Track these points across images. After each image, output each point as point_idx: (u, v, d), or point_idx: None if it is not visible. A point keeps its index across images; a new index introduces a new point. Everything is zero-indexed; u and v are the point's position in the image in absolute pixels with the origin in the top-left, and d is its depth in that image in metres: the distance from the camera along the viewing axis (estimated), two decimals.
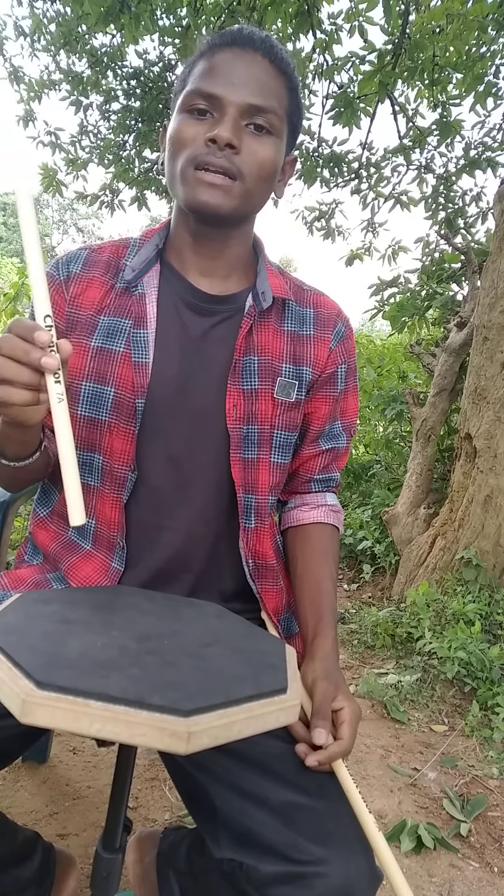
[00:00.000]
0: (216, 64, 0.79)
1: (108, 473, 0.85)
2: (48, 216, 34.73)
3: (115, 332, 0.85)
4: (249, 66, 0.79)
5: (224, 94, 0.77)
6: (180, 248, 0.88)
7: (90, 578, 0.86)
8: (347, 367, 0.95)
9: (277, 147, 0.82)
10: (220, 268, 0.88)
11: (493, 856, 1.43)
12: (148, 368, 0.83)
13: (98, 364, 0.84)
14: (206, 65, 0.80)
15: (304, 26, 3.40)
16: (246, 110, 0.78)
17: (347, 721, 0.72)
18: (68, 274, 0.88)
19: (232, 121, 0.77)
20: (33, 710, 0.49)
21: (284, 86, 0.82)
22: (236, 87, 0.77)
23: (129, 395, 0.83)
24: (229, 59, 0.79)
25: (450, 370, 3.09)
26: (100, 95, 4.29)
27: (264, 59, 0.80)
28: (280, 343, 0.89)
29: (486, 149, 3.94)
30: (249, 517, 0.89)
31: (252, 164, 0.79)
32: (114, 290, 0.87)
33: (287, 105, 0.83)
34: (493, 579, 2.56)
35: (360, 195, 4.34)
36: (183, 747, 0.49)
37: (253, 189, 0.81)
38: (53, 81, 4.21)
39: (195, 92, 0.79)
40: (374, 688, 2.08)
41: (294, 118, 0.85)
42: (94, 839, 1.29)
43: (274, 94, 0.80)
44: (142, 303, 0.85)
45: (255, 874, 0.66)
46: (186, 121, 0.79)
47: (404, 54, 3.36)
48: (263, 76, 0.79)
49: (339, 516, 1.00)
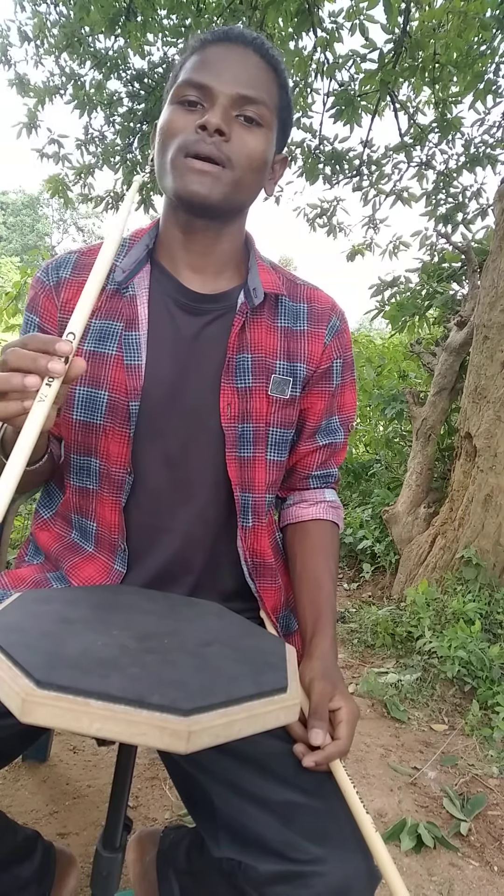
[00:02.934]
0: (207, 57, 0.80)
1: (106, 477, 0.85)
2: (48, 215, 34.72)
3: (106, 335, 0.84)
4: (240, 59, 0.80)
5: (215, 85, 0.78)
6: (171, 245, 0.88)
7: (92, 580, 0.86)
8: (343, 361, 0.94)
9: (267, 139, 0.82)
10: (211, 264, 0.87)
11: (493, 855, 1.43)
12: (141, 371, 0.83)
13: (91, 368, 0.84)
14: (197, 58, 0.81)
15: (305, 25, 3.40)
16: (236, 101, 0.78)
17: (345, 721, 0.72)
18: (58, 279, 0.87)
19: (222, 109, 0.78)
20: (33, 710, 0.49)
21: (274, 81, 0.83)
22: (227, 78, 0.78)
23: (123, 397, 0.83)
24: (220, 53, 0.80)
25: (450, 369, 3.09)
26: (104, 99, 4.28)
27: (255, 55, 0.81)
28: (274, 339, 0.88)
29: (487, 146, 3.94)
30: (247, 516, 0.89)
31: (241, 153, 0.79)
32: (104, 292, 0.86)
33: (277, 101, 0.83)
34: (493, 578, 2.56)
35: (362, 192, 4.35)
36: (183, 746, 0.49)
37: (242, 178, 0.80)
38: (57, 87, 4.21)
39: (186, 83, 0.79)
40: (374, 687, 2.08)
41: (284, 114, 0.85)
42: (94, 838, 1.29)
43: (264, 87, 0.81)
44: (133, 304, 0.85)
45: (254, 873, 0.66)
46: (177, 111, 0.80)
47: (405, 52, 3.36)
48: (254, 70, 0.80)
49: (338, 513, 0.99)
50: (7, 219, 33.07)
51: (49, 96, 4.22)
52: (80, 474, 0.88)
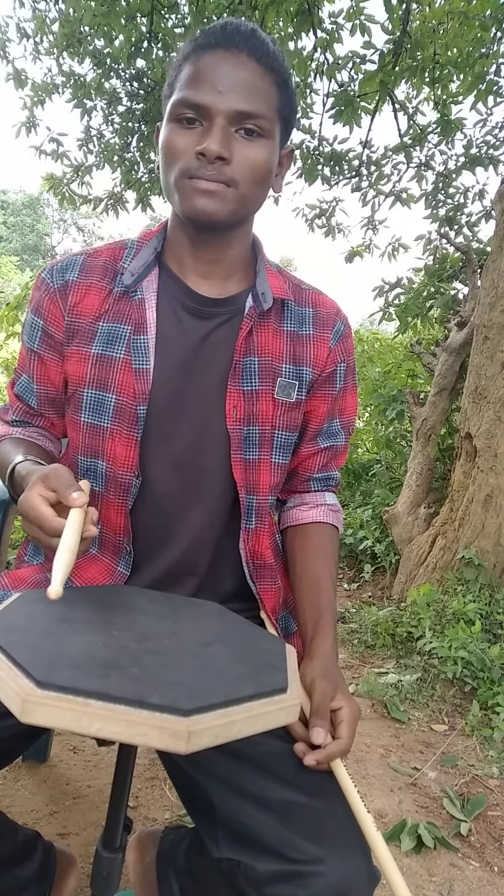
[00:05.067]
0: (201, 69, 0.77)
1: (112, 480, 0.85)
2: (48, 215, 34.73)
3: (114, 339, 0.84)
4: (235, 68, 0.77)
5: (211, 103, 0.76)
6: (179, 252, 0.88)
7: (94, 581, 0.86)
8: (346, 365, 0.95)
9: (270, 148, 0.81)
10: (219, 270, 0.88)
11: (493, 855, 1.43)
12: (149, 375, 0.83)
13: (99, 371, 0.84)
14: (191, 70, 0.78)
15: (304, 25, 3.40)
16: (234, 117, 0.77)
17: (346, 720, 0.72)
18: (64, 282, 0.87)
19: (221, 131, 0.76)
20: (33, 710, 0.49)
21: (273, 83, 0.80)
22: (223, 93, 0.76)
23: (131, 401, 0.83)
24: (214, 63, 0.77)
25: (450, 370, 3.09)
26: (103, 99, 4.27)
27: (250, 59, 0.77)
28: (280, 343, 0.89)
29: (489, 146, 3.93)
30: (251, 518, 0.89)
31: (244, 170, 0.78)
32: (112, 294, 0.86)
33: (277, 103, 0.81)
34: (494, 579, 2.56)
35: (361, 193, 4.34)
36: (183, 747, 0.49)
37: (248, 193, 0.80)
38: (56, 85, 4.19)
39: (182, 102, 0.77)
40: (375, 687, 2.08)
41: (286, 112, 0.83)
42: (94, 838, 1.29)
43: (262, 96, 0.78)
44: (141, 308, 0.85)
45: (253, 873, 0.66)
46: (176, 130, 0.79)
47: (405, 53, 3.36)
48: (250, 78, 0.77)
49: (338, 516, 1.00)
50: (7, 219, 33.06)
51: (48, 94, 4.21)
52: (85, 476, 0.88)
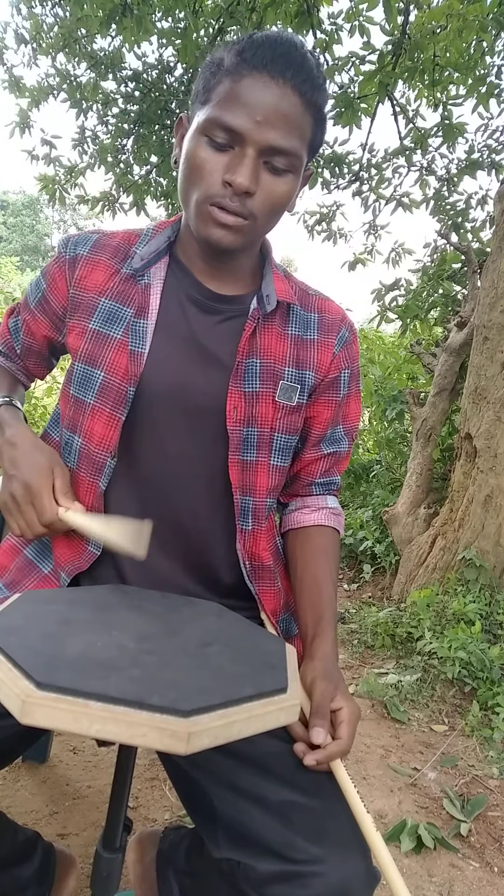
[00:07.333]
0: (241, 92, 0.73)
1: (86, 457, 0.86)
2: (48, 216, 34.75)
3: (114, 318, 0.85)
4: (278, 100, 0.73)
5: (246, 132, 0.74)
6: (190, 249, 0.89)
7: (65, 558, 0.88)
8: (351, 371, 0.95)
9: (294, 182, 0.80)
10: (228, 273, 0.89)
11: (493, 856, 1.43)
12: (143, 358, 0.84)
13: (92, 347, 0.85)
14: (231, 87, 0.74)
15: (304, 26, 3.40)
16: (266, 151, 0.75)
17: (346, 721, 0.72)
18: (75, 255, 0.89)
19: (251, 163, 0.75)
20: (33, 711, 0.49)
21: (312, 118, 0.77)
22: (260, 124, 0.73)
23: (121, 381, 0.83)
24: (257, 90, 0.73)
25: (450, 370, 3.10)
26: (98, 101, 4.27)
27: (294, 94, 0.74)
28: (283, 347, 0.89)
29: (491, 151, 3.93)
30: (246, 519, 0.89)
31: (266, 204, 0.78)
32: (119, 274, 0.87)
33: (311, 137, 0.79)
34: (494, 579, 2.56)
35: (362, 197, 4.33)
36: (183, 748, 0.49)
37: (265, 225, 0.81)
38: (52, 87, 4.19)
39: (216, 122, 0.75)
40: (375, 687, 2.08)
41: (315, 143, 0.82)
42: (94, 839, 1.29)
43: (298, 133, 0.76)
44: (146, 293, 0.86)
45: (253, 873, 0.66)
46: (205, 148, 0.77)
47: (404, 54, 3.36)
48: (291, 114, 0.74)
49: (339, 519, 1.00)
50: (7, 219, 33.07)
51: (43, 96, 4.21)
52: (63, 450, 0.89)
